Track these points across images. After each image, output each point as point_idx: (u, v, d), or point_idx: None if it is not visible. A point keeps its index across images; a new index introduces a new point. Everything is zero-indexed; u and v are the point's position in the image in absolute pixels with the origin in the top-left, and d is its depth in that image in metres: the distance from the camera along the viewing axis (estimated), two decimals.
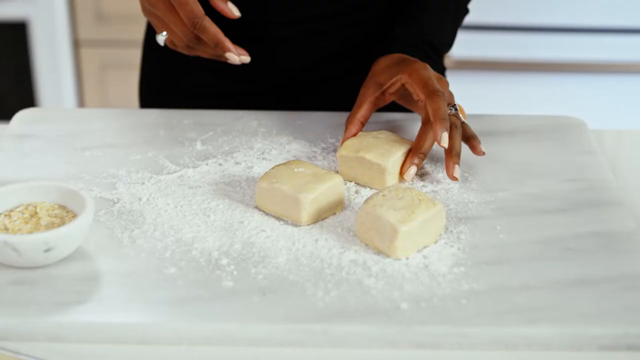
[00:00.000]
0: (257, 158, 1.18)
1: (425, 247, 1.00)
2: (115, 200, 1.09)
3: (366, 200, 1.01)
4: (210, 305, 0.93)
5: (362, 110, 1.15)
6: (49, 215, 1.01)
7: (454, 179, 1.09)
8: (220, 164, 1.16)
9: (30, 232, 0.98)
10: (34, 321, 0.91)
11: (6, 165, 1.17)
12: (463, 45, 2.26)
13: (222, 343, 0.91)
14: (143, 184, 1.13)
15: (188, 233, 1.03)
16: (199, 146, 1.21)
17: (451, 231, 1.03)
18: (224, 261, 0.98)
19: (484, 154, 1.12)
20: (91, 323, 0.91)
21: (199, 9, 1.11)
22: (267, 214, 1.06)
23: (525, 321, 0.90)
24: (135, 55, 2.68)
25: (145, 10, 1.17)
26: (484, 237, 1.03)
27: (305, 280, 0.96)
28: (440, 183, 1.12)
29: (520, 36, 2.41)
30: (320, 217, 1.05)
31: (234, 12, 1.15)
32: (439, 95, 1.09)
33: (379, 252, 1.00)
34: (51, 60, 2.69)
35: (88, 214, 0.98)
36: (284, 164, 1.08)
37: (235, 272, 0.97)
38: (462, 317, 0.91)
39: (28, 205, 1.02)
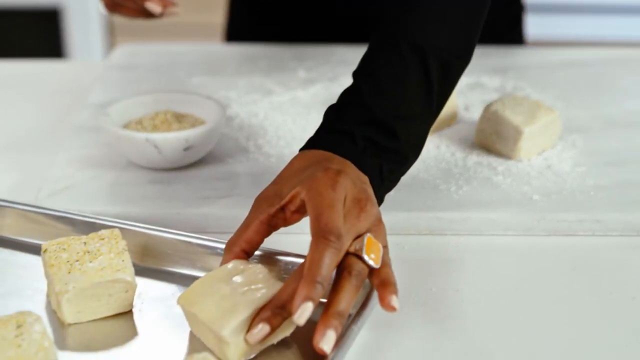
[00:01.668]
0: None
1: (543, 151, 1.04)
2: (234, 116, 1.13)
3: (486, 108, 1.05)
4: None
5: (249, 232, 0.80)
6: (179, 121, 1.04)
7: (321, 351, 0.72)
8: (327, 88, 1.20)
9: None
10: (180, 212, 0.94)
11: (118, 92, 1.19)
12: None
13: None
14: (256, 103, 1.16)
15: None
16: (302, 74, 1.24)
17: (565, 139, 1.07)
18: None
19: (394, 309, 0.75)
20: (237, 216, 0.94)
21: None
22: None
23: None
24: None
25: None
26: (597, 143, 1.07)
27: (436, 178, 0.99)
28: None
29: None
30: (437, 128, 1.08)
31: (155, 9, 1.04)
32: (327, 242, 0.74)
33: (500, 156, 1.03)
34: (85, 48, 2.71)
35: (221, 116, 1.02)
36: None
37: None
38: (593, 206, 0.95)
39: (157, 112, 1.05)
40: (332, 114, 0.87)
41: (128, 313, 0.82)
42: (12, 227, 0.92)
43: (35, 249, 0.88)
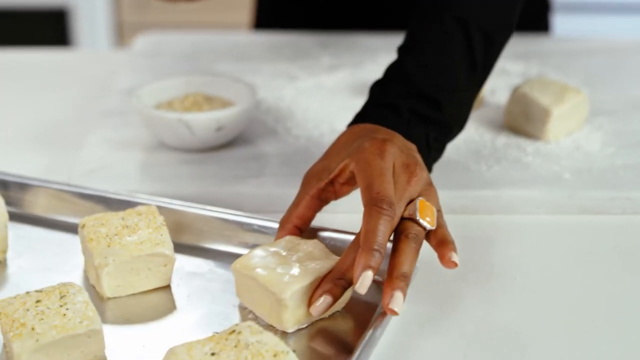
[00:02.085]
0: None
1: (571, 133, 1.05)
2: (261, 101, 1.13)
3: (514, 89, 1.06)
4: None
5: (300, 208, 0.82)
6: (209, 103, 1.04)
7: (392, 312, 0.73)
8: (352, 74, 1.21)
9: None
10: (212, 191, 0.95)
11: (144, 78, 1.20)
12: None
13: None
14: (282, 89, 1.17)
15: (341, 124, 1.06)
16: (326, 60, 1.25)
17: (592, 122, 1.08)
18: None
19: (455, 265, 0.76)
20: (270, 194, 0.95)
21: None
22: None
23: None
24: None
25: None
26: (624, 125, 1.07)
27: (466, 159, 1.00)
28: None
29: None
30: None
31: None
32: (380, 210, 0.74)
33: (528, 137, 1.04)
34: (92, 49, 2.71)
35: (251, 98, 1.02)
36: None
37: None
38: (624, 184, 0.95)
39: (187, 95, 1.06)
40: (376, 89, 0.88)
41: (166, 287, 0.82)
42: (46, 207, 0.92)
43: (69, 227, 0.89)
